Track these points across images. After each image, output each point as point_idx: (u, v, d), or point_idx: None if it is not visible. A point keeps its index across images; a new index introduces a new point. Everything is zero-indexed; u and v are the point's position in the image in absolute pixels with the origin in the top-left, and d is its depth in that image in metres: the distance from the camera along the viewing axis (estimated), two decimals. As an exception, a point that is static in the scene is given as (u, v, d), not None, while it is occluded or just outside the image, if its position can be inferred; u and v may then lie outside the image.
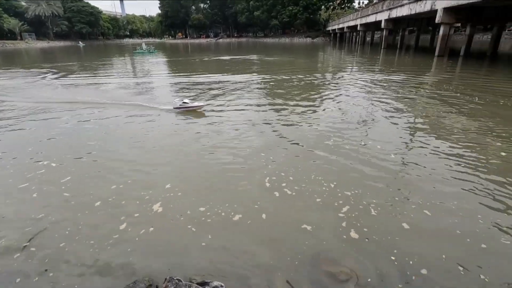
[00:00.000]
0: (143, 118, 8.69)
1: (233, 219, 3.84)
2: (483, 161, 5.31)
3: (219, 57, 32.95)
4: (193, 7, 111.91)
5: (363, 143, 6.28)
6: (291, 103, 10.17)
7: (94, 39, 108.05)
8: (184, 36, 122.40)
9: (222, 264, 3.14)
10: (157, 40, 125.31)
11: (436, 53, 24.06)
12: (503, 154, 5.58)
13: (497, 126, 7.14)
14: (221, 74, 18.43)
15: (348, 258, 3.14)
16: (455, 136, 6.58)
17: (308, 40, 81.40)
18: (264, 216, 3.90)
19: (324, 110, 9.33)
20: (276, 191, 4.46)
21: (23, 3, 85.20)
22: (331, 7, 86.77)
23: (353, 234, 3.49)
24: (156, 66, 26.01)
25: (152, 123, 8.28)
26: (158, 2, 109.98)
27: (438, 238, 3.40)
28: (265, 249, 3.32)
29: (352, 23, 53.52)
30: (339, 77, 16.54)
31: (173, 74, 19.66)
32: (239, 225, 3.76)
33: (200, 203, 4.23)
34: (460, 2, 19.50)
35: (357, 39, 53.65)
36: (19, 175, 5.23)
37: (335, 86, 13.53)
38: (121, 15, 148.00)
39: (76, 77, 18.57)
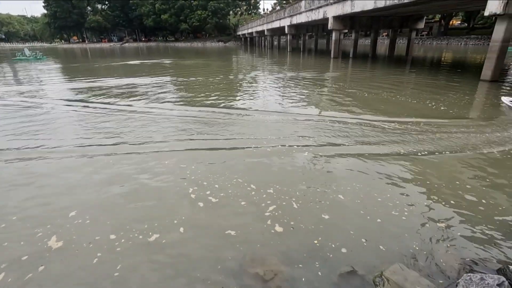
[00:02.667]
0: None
1: (148, 240, 3.52)
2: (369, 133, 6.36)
3: (127, 62, 30.37)
4: (89, 8, 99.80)
5: (275, 138, 6.70)
6: (207, 102, 10.11)
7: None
8: (80, 40, 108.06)
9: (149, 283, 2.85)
10: (46, 44, 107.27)
11: (332, 55, 27.65)
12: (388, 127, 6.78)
13: (377, 104, 8.69)
14: (132, 78, 17.03)
15: (274, 254, 3.26)
16: (357, 120, 7.68)
17: (221, 44, 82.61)
18: (182, 230, 3.72)
19: (243, 106, 9.64)
20: (200, 200, 4.32)
21: None
22: (239, 12, 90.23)
23: (278, 228, 3.63)
24: (47, 72, 22.04)
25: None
26: (42, 1, 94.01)
27: (351, 220, 3.83)
28: (187, 263, 3.16)
29: (259, 28, 56.73)
30: (254, 76, 17.41)
31: (72, 79, 16.96)
32: (155, 245, 3.46)
33: (109, 228, 3.76)
34: (344, 12, 22.91)
35: (266, 43, 57.18)
36: None
37: (252, 84, 14.14)
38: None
39: None
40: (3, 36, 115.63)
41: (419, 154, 5.80)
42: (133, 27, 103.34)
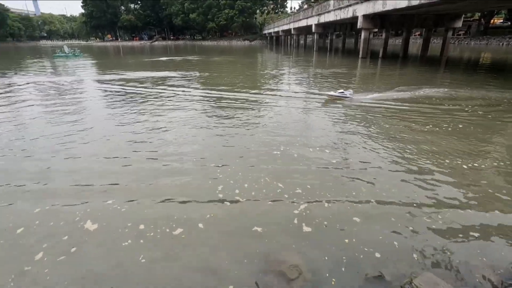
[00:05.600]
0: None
1: (173, 233, 3.64)
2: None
3: (156, 58, 31.44)
4: (122, 7, 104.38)
5: (304, 136, 6.64)
6: (230, 94, 10.25)
7: (1, 41, 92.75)
8: (114, 38, 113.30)
9: (170, 279, 2.97)
10: (83, 42, 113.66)
11: (360, 55, 26.86)
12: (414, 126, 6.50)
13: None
14: (159, 71, 17.75)
15: (300, 253, 3.25)
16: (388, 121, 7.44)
17: (246, 43, 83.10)
18: (209, 224, 3.81)
19: (269, 105, 9.66)
20: (226, 197, 4.39)
21: None
22: (266, 11, 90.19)
23: (305, 229, 3.61)
24: (88, 67, 23.50)
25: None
26: (81, 1, 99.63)
27: (385, 224, 3.73)
28: (213, 258, 3.24)
29: (286, 27, 56.34)
30: (280, 73, 17.34)
31: (105, 73, 18.13)
32: (182, 237, 3.58)
33: (139, 217, 3.94)
34: (375, 10, 22.15)
35: (292, 42, 56.70)
36: None
37: (277, 80, 14.12)
38: (34, 14, 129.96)
39: None
40: (45, 34, 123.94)
41: (460, 162, 5.51)
42: (162, 26, 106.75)
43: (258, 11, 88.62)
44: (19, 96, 12.62)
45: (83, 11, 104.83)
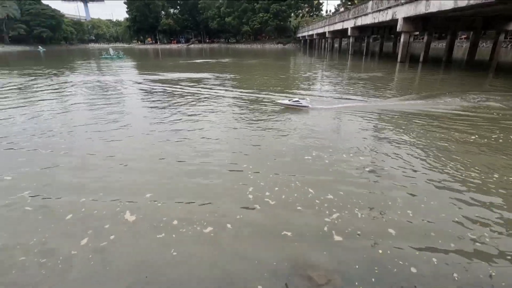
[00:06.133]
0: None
1: (204, 231, 3.75)
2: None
3: (192, 61, 32.67)
4: (163, 12, 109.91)
5: (337, 141, 6.50)
6: (259, 95, 10.32)
7: (56, 43, 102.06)
8: (154, 42, 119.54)
9: (196, 277, 3.07)
10: (125, 45, 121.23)
11: (398, 59, 25.66)
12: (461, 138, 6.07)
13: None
14: (194, 73, 18.46)
15: (330, 261, 3.20)
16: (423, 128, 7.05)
17: (280, 46, 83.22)
18: (240, 225, 3.88)
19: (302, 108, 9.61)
20: (256, 200, 4.44)
21: (-27, 5, 78.68)
22: (301, 14, 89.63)
23: (336, 237, 3.54)
24: (129, 68, 25.20)
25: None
26: (126, 6, 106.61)
27: (423, 239, 3.55)
28: (241, 258, 3.28)
29: (320, 30, 55.53)
30: (312, 76, 17.13)
31: (145, 73, 19.33)
32: (211, 236, 3.67)
33: (172, 213, 4.12)
34: (417, 12, 21.05)
35: (326, 45, 55.74)
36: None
37: (309, 83, 13.98)
38: (85, 19, 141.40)
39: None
40: (93, 38, 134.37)
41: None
42: (199, 30, 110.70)
43: (292, 14, 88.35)
44: (69, 92, 13.82)
45: (127, 16, 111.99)
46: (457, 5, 16.84)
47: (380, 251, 3.29)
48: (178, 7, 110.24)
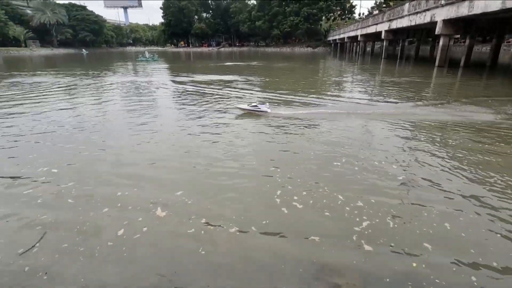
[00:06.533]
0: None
1: (229, 231, 3.79)
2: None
3: (222, 63, 33.40)
4: (196, 17, 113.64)
5: (370, 149, 6.30)
6: (298, 102, 10.26)
7: (97, 47, 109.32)
8: (186, 45, 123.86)
9: (221, 276, 3.12)
10: (160, 48, 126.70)
11: (436, 63, 24.31)
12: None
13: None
14: (224, 75, 18.91)
15: (357, 270, 3.11)
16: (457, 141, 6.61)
17: (309, 49, 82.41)
18: (266, 227, 3.89)
19: (330, 112, 9.45)
20: (284, 203, 4.43)
21: (29, 11, 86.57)
22: (332, 17, 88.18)
23: (366, 247, 3.43)
24: (163, 70, 26.40)
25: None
26: (162, 11, 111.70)
27: (462, 256, 3.33)
28: (265, 260, 3.28)
29: (352, 34, 54.22)
30: (342, 80, 16.76)
31: (178, 75, 20.16)
32: (236, 235, 3.71)
33: (201, 211, 4.23)
34: (459, 14, 19.82)
35: (358, 49, 54.30)
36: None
37: (339, 87, 13.69)
38: (124, 24, 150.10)
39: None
40: (131, 41, 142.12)
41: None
42: (229, 33, 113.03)
43: (324, 17, 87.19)
44: (107, 92, 14.75)
45: (163, 20, 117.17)
46: (505, 6, 15.61)
47: (414, 265, 3.13)
48: (210, 11, 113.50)
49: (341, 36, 65.43)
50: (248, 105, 9.75)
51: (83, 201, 4.52)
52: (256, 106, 9.56)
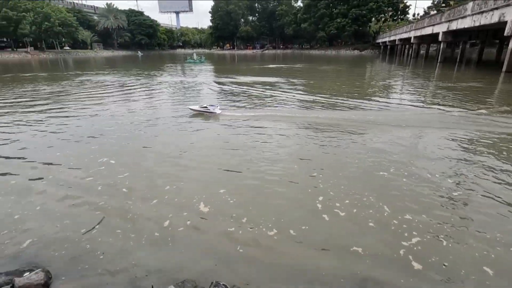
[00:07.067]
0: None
1: (268, 233, 3.80)
2: None
3: (266, 66, 33.74)
4: (242, 20, 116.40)
5: (422, 159, 5.86)
6: (343, 110, 9.95)
7: (151, 49, 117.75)
8: (231, 47, 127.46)
9: (258, 278, 3.14)
10: (206, 50, 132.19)
11: (504, 68, 21.68)
12: None
13: None
14: (265, 77, 19.10)
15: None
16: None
17: (356, 52, 79.18)
18: (305, 232, 3.83)
19: (378, 118, 8.98)
20: (326, 210, 4.33)
21: (95, 18, 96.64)
22: (383, 19, 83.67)
23: (415, 265, 3.19)
24: (209, 71, 27.60)
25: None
26: (210, 15, 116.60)
27: None
28: (305, 265, 3.24)
29: (404, 35, 50.85)
30: (391, 84, 15.83)
31: (221, 76, 20.92)
32: (275, 239, 3.71)
33: (243, 210, 4.31)
34: (537, 13, 17.46)
35: (410, 51, 50.75)
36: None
37: (387, 92, 12.94)
38: (176, 28, 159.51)
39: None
40: (181, 44, 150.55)
41: None
42: (274, 36, 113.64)
43: (373, 19, 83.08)
44: (157, 91, 15.80)
45: (211, 24, 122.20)
46: None
47: (472, 289, 2.84)
48: (256, 14, 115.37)
49: (392, 38, 61.77)
50: (199, 106, 10.34)
51: (135, 192, 4.91)
52: (205, 107, 10.13)
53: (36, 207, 4.46)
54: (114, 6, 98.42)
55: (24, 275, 2.82)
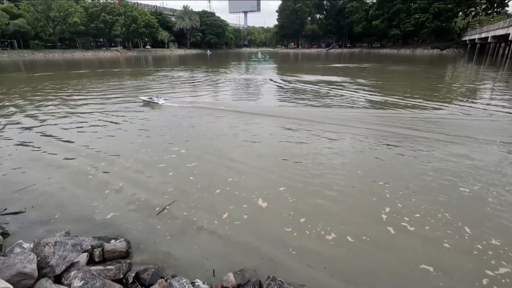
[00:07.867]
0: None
1: (326, 237, 3.69)
2: None
3: (330, 65, 32.66)
4: (309, 18, 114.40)
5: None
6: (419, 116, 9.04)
7: (219, 48, 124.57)
8: (295, 46, 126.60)
9: (315, 279, 3.07)
10: (271, 49, 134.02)
11: None
12: None
13: None
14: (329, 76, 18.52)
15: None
16: None
17: (435, 51, 70.76)
18: (366, 242, 3.60)
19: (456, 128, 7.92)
20: (392, 222, 4.01)
21: (173, 19, 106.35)
22: (473, 13, 72.87)
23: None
24: (272, 70, 28.08)
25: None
26: (277, 14, 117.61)
27: None
28: (363, 279, 3.06)
29: (500, 32, 43.40)
30: (477, 88, 13.71)
31: (285, 74, 21.08)
32: (332, 244, 3.59)
33: (300, 211, 4.26)
34: None
35: (506, 51, 43.22)
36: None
37: (470, 99, 11.26)
38: (243, 27, 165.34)
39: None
40: (246, 43, 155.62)
41: None
42: (341, 34, 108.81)
43: (460, 13, 72.86)
44: (221, 87, 16.68)
45: (276, 23, 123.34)
46: None
47: None
48: (324, 12, 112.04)
49: (483, 35, 53.31)
50: (147, 97, 12.43)
51: (201, 180, 5.27)
52: (151, 98, 12.37)
53: (117, 185, 5.14)
54: (190, 8, 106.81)
55: (111, 241, 3.29)
